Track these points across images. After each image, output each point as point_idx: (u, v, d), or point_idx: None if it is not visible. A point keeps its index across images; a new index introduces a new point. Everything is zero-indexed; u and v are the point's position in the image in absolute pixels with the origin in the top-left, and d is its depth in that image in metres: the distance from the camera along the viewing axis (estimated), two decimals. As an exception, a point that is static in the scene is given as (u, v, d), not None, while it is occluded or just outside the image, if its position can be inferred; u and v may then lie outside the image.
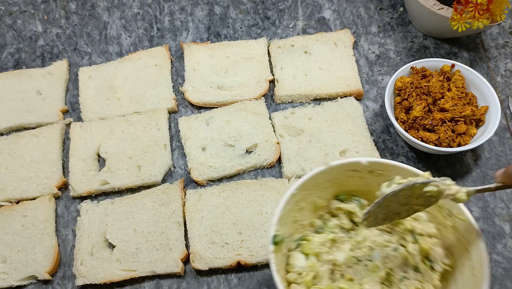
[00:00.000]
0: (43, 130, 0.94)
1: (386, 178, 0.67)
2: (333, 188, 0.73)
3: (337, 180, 0.72)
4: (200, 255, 0.81)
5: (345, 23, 1.06)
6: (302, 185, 0.68)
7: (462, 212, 0.65)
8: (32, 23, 1.08)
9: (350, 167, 0.70)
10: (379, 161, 0.69)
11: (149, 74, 0.99)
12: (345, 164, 0.69)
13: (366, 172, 0.70)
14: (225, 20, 1.07)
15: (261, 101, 0.95)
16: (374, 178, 0.71)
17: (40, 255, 0.82)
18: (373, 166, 0.69)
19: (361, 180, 0.72)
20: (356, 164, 0.69)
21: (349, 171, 0.70)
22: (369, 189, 0.72)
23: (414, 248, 0.68)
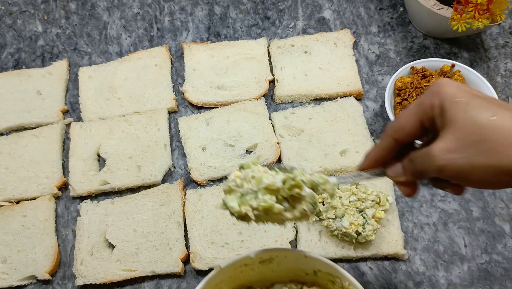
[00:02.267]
0: (43, 130, 0.94)
1: (278, 264, 0.68)
2: (227, 286, 0.70)
3: (229, 279, 0.69)
4: (200, 255, 0.81)
5: (345, 23, 1.06)
6: (216, 272, 0.65)
7: (353, 283, 0.63)
8: (32, 23, 1.08)
9: (241, 263, 0.67)
10: (264, 250, 0.67)
11: (149, 74, 0.99)
12: (236, 261, 0.66)
13: (257, 263, 0.68)
14: (225, 20, 1.07)
15: (261, 101, 0.95)
16: (264, 267, 0.69)
17: (40, 255, 0.82)
18: (262, 255, 0.67)
19: (252, 272, 0.70)
20: (246, 258, 0.66)
21: (240, 266, 0.68)
22: (262, 277, 0.71)
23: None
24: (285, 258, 0.68)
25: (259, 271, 0.70)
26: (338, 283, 0.67)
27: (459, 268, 0.80)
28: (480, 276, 0.79)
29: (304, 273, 0.70)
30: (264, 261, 0.68)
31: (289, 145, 0.90)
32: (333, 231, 0.79)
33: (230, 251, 0.81)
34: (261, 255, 0.67)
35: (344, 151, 0.89)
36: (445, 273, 0.80)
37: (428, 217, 0.84)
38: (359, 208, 0.80)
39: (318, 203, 0.67)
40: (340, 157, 0.89)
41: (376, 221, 0.80)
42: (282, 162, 0.89)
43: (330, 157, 0.88)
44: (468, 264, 0.81)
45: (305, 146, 0.90)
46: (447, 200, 0.86)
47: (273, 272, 0.71)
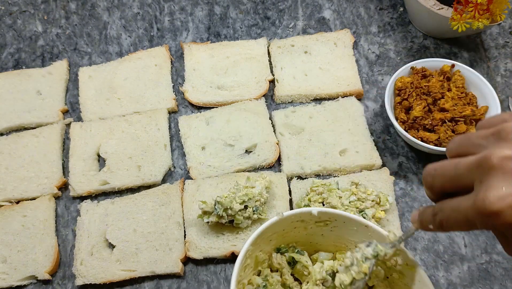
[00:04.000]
0: (43, 130, 0.94)
1: (332, 229, 0.68)
2: (276, 240, 0.70)
3: (282, 232, 0.69)
4: (196, 244, 0.81)
5: (345, 23, 1.06)
6: (255, 238, 0.64)
7: (410, 259, 0.63)
8: (32, 23, 1.08)
9: (299, 217, 0.68)
10: (328, 211, 0.67)
11: (149, 74, 0.99)
12: (296, 214, 0.67)
13: (313, 222, 0.68)
14: (225, 20, 1.07)
15: (261, 101, 0.95)
16: (317, 228, 0.69)
17: (40, 255, 0.82)
18: (322, 216, 0.67)
19: (304, 231, 0.70)
20: (307, 214, 0.67)
21: (297, 221, 0.68)
22: (309, 240, 0.71)
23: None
24: (343, 223, 0.67)
25: (310, 233, 0.70)
26: (391, 261, 0.65)
27: (459, 268, 0.80)
28: (480, 276, 0.79)
29: (354, 246, 0.69)
30: (320, 222, 0.68)
31: (289, 143, 0.90)
32: (333, 231, 0.79)
33: (225, 241, 0.81)
34: (321, 215, 0.67)
35: (344, 150, 0.89)
36: (445, 273, 0.80)
37: (428, 217, 0.84)
38: (359, 208, 0.80)
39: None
40: (339, 156, 0.89)
41: (376, 221, 0.80)
42: (282, 161, 0.89)
43: (330, 156, 0.88)
44: (468, 264, 0.80)
45: (305, 145, 0.90)
46: (447, 200, 0.86)
47: (323, 237, 0.71)
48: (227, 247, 0.81)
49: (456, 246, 0.82)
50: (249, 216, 0.81)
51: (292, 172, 0.88)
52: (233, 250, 0.80)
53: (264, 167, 0.89)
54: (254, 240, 0.64)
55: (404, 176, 0.88)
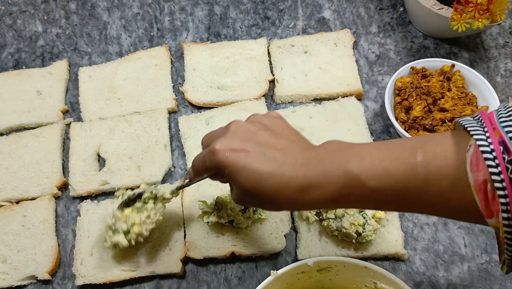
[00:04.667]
0: (43, 130, 0.94)
1: (336, 273, 0.68)
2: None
3: (286, 285, 0.68)
4: (196, 244, 0.81)
5: (345, 23, 1.06)
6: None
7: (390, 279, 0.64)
8: (32, 23, 1.08)
9: (298, 270, 0.67)
10: (323, 260, 0.67)
11: (149, 74, 0.99)
12: (293, 268, 0.66)
13: (315, 271, 0.68)
14: (225, 20, 1.07)
15: (261, 101, 0.95)
16: (322, 275, 0.69)
17: (40, 255, 0.82)
18: (320, 264, 0.67)
19: (310, 279, 0.69)
20: (304, 266, 0.66)
21: (297, 273, 0.67)
22: (319, 286, 0.71)
23: None
24: (344, 267, 0.67)
25: (317, 279, 0.70)
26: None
27: (459, 268, 0.80)
28: (480, 276, 0.79)
29: (363, 285, 0.69)
30: (322, 270, 0.68)
31: (289, 145, 0.90)
32: (333, 231, 0.79)
33: (225, 241, 0.81)
34: (319, 264, 0.66)
35: (344, 150, 0.89)
36: (445, 273, 0.80)
37: (428, 217, 0.84)
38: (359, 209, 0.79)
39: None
40: (340, 156, 0.89)
41: (376, 221, 0.80)
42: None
43: (330, 157, 0.88)
44: (468, 264, 0.81)
45: (305, 146, 0.90)
46: (447, 200, 0.86)
47: (331, 281, 0.71)
48: (227, 247, 0.81)
49: (456, 246, 0.82)
50: (249, 216, 0.81)
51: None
52: (233, 250, 0.80)
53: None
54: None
55: (404, 176, 0.88)
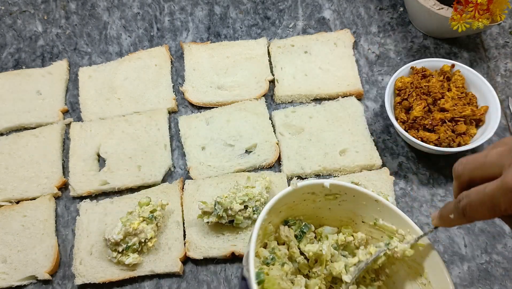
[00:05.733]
0: (43, 130, 0.94)
1: (340, 203, 0.68)
2: (286, 211, 0.69)
3: (292, 203, 0.68)
4: (196, 244, 0.81)
5: (345, 23, 1.06)
6: (269, 209, 0.63)
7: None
8: (32, 23, 1.08)
9: (311, 189, 0.67)
10: (340, 184, 0.67)
11: (149, 74, 0.99)
12: (309, 185, 0.66)
13: (322, 195, 0.68)
14: (225, 20, 1.07)
15: (261, 101, 0.95)
16: (326, 202, 0.69)
17: (40, 255, 0.82)
18: (333, 188, 0.67)
19: (313, 204, 0.70)
20: (319, 186, 0.66)
21: (308, 193, 0.68)
22: (316, 214, 0.71)
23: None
24: (353, 197, 0.67)
25: (318, 206, 0.70)
26: (399, 236, 0.65)
27: (459, 268, 0.80)
28: (480, 276, 0.79)
29: (361, 221, 0.70)
30: (330, 195, 0.68)
31: (289, 143, 0.90)
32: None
33: (225, 241, 0.81)
34: (333, 187, 0.66)
35: (344, 150, 0.89)
36: (445, 273, 0.80)
37: (428, 217, 0.84)
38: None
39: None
40: (339, 156, 0.89)
41: (376, 221, 0.80)
42: (282, 161, 0.89)
43: (330, 156, 0.88)
44: (468, 264, 0.80)
45: (305, 145, 0.90)
46: (447, 200, 0.86)
47: (330, 211, 0.71)
48: (227, 247, 0.81)
49: (456, 246, 0.82)
50: (249, 216, 0.81)
51: (292, 172, 0.88)
52: (233, 250, 0.80)
53: (264, 167, 0.89)
54: (269, 209, 0.63)
55: (404, 176, 0.88)
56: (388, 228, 0.67)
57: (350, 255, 0.70)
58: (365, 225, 0.70)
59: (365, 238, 0.70)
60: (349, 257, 0.69)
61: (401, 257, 0.64)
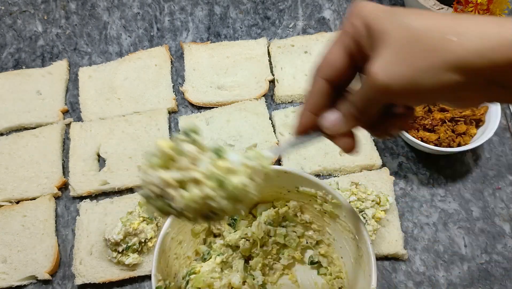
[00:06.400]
0: (43, 130, 0.94)
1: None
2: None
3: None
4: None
5: (345, 23, 1.06)
6: (173, 220, 0.64)
7: (335, 196, 0.66)
8: (32, 23, 1.08)
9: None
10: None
11: (149, 74, 0.99)
12: None
13: None
14: (225, 20, 1.07)
15: (261, 101, 0.95)
16: None
17: (40, 255, 0.82)
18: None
19: None
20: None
21: None
22: None
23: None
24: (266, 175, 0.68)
25: None
26: (320, 197, 0.68)
27: (459, 268, 0.80)
28: (480, 276, 0.79)
29: (287, 191, 0.71)
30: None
31: (289, 144, 0.90)
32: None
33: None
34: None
35: (344, 150, 0.89)
36: (445, 273, 0.80)
37: (428, 217, 0.84)
38: (359, 208, 0.79)
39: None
40: (339, 156, 0.89)
41: (376, 221, 0.80)
42: (282, 161, 0.89)
43: (330, 156, 0.88)
44: (468, 264, 0.80)
45: (305, 145, 0.90)
46: (447, 200, 0.86)
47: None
48: None
49: (456, 246, 0.82)
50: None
51: (292, 172, 0.88)
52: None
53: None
54: (170, 223, 0.64)
55: (404, 176, 0.88)
56: (309, 192, 0.69)
57: (290, 223, 0.75)
58: (292, 194, 0.72)
59: (297, 204, 0.74)
60: (289, 226, 0.74)
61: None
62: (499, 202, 0.85)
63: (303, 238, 0.76)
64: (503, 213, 0.84)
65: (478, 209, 0.85)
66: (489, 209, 0.85)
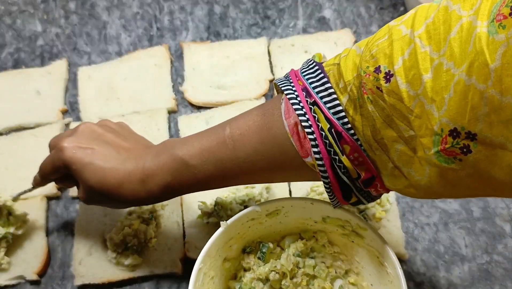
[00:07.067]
0: (43, 130, 0.93)
1: (285, 215, 0.68)
2: (237, 244, 0.70)
3: (238, 235, 0.69)
4: (195, 245, 0.81)
5: (346, 22, 1.06)
6: (205, 255, 0.63)
7: (361, 224, 0.65)
8: (32, 22, 1.08)
9: (248, 218, 0.66)
10: (272, 201, 0.67)
11: (149, 74, 0.99)
12: (242, 216, 0.65)
13: (264, 216, 0.68)
14: (225, 20, 1.07)
15: (261, 101, 0.95)
16: (273, 219, 0.69)
17: (30, 255, 0.82)
18: (268, 208, 0.67)
19: (261, 225, 0.70)
20: (252, 212, 0.66)
21: (247, 221, 0.67)
22: (272, 231, 0.72)
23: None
24: (291, 207, 0.67)
25: (268, 225, 0.70)
26: (348, 226, 0.67)
27: (459, 268, 0.80)
28: (480, 277, 0.79)
29: (313, 221, 0.70)
30: (271, 214, 0.68)
31: (289, 145, 0.90)
32: (333, 231, 0.79)
33: None
34: (267, 208, 0.67)
35: (344, 150, 0.89)
36: (446, 273, 0.80)
37: (429, 217, 0.84)
38: (360, 208, 0.79)
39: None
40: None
41: (376, 222, 0.80)
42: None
43: (330, 157, 0.88)
44: (469, 264, 0.80)
45: (305, 146, 0.90)
46: (447, 200, 0.86)
47: (282, 224, 0.71)
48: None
49: (457, 246, 0.82)
50: None
51: (292, 172, 0.87)
52: (232, 251, 0.80)
53: None
54: (204, 257, 0.63)
55: (404, 176, 0.88)
56: (336, 222, 0.68)
57: (319, 253, 0.74)
58: (318, 224, 0.71)
59: (324, 234, 0.73)
60: (318, 257, 0.73)
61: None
62: (499, 202, 0.85)
63: (332, 268, 0.74)
64: (503, 213, 0.84)
65: (478, 209, 0.84)
66: (490, 209, 0.84)
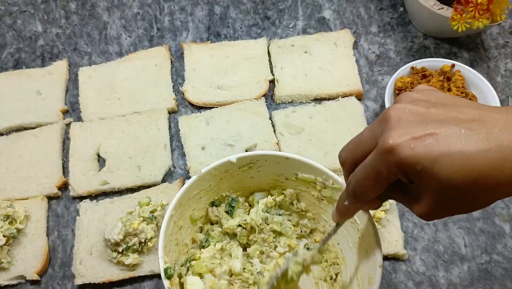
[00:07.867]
0: (43, 130, 0.94)
1: (258, 169, 0.70)
2: (207, 196, 0.71)
3: (209, 187, 0.70)
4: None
5: (345, 23, 1.06)
6: (177, 202, 0.65)
7: (336, 181, 0.67)
8: (32, 23, 1.08)
9: (221, 169, 0.68)
10: (246, 155, 0.69)
11: (149, 74, 0.99)
12: (216, 166, 0.67)
13: (237, 169, 0.69)
14: (225, 20, 1.07)
15: (261, 101, 0.95)
16: (244, 173, 0.71)
17: (30, 255, 0.82)
18: (242, 160, 0.68)
19: (233, 178, 0.71)
20: (227, 163, 0.67)
21: (221, 173, 0.69)
22: (241, 185, 0.74)
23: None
24: (265, 162, 0.69)
25: (239, 178, 0.72)
26: (319, 184, 0.69)
27: (459, 268, 0.80)
28: (480, 276, 0.79)
29: (285, 178, 0.72)
30: (244, 166, 0.70)
31: (289, 143, 0.90)
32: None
33: None
34: (242, 160, 0.68)
35: (344, 150, 0.89)
36: (445, 273, 0.80)
37: (428, 217, 0.84)
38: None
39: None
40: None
41: (376, 221, 0.80)
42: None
43: (330, 156, 0.88)
44: (468, 264, 0.80)
45: (305, 145, 0.90)
46: (447, 200, 0.86)
47: (253, 179, 0.73)
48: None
49: (456, 246, 0.82)
50: None
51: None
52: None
53: None
54: (176, 204, 0.65)
55: (404, 176, 0.88)
56: (308, 179, 0.70)
57: (286, 211, 0.76)
58: (289, 181, 0.73)
59: (294, 192, 0.75)
60: (284, 214, 0.76)
61: (311, 262, 0.63)
62: (499, 202, 0.85)
63: (297, 226, 0.77)
64: (503, 213, 0.84)
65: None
66: (489, 209, 0.85)
